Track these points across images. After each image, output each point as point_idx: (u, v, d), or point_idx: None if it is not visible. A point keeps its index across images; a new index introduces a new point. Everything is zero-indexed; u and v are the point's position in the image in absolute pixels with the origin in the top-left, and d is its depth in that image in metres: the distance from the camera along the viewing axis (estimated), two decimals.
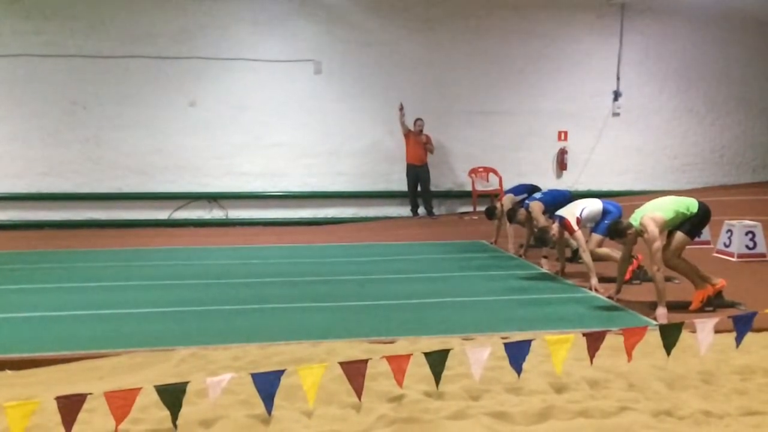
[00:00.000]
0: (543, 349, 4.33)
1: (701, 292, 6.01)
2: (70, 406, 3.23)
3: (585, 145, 13.81)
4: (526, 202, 8.54)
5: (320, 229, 12.19)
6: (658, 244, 5.80)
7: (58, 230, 12.02)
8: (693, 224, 6.03)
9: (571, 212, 7.17)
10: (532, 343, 3.92)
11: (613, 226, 6.22)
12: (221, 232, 12.02)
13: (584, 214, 7.21)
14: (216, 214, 12.98)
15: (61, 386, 4.12)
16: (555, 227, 7.16)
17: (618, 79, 13.82)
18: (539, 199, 8.32)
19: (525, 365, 3.97)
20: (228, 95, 12.77)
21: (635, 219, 5.98)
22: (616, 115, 13.91)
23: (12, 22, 12.11)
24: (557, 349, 3.91)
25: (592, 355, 4.00)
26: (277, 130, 12.93)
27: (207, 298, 6.67)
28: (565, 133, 13.70)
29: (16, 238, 11.04)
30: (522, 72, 13.47)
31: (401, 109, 12.56)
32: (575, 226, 7.01)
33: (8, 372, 4.59)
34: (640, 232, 5.91)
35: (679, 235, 6.02)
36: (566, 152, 13.69)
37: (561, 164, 13.73)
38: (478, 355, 3.84)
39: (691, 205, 6.06)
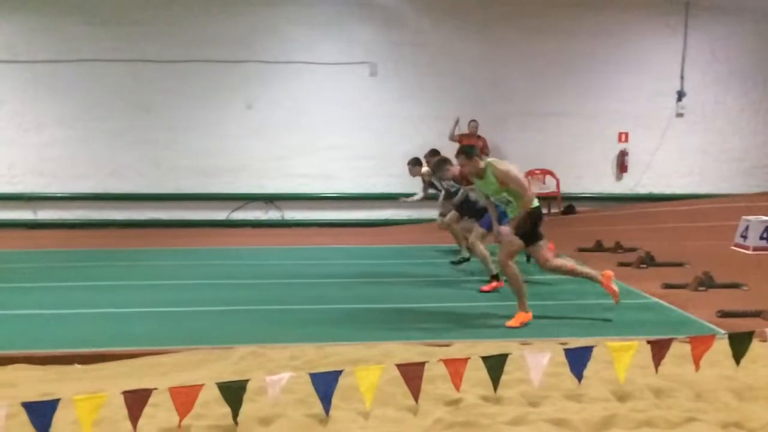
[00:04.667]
0: (604, 356, 4.22)
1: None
2: (137, 401, 3.32)
3: (647, 147, 13.42)
4: None
5: (375, 230, 12.23)
6: (527, 192, 5.62)
7: (122, 229, 12.43)
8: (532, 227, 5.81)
9: None
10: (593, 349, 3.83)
11: (465, 146, 6.04)
12: (277, 232, 12.19)
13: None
14: (272, 214, 13.18)
15: (127, 381, 4.24)
16: (456, 168, 7.35)
17: (682, 78, 13.38)
18: None
19: (585, 372, 3.88)
20: (285, 98, 12.95)
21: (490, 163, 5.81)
22: (679, 115, 13.47)
23: (82, 28, 12.57)
24: (620, 356, 3.81)
25: (657, 364, 3.89)
26: (333, 132, 13.04)
27: (264, 297, 6.77)
28: (626, 134, 13.35)
29: (82, 237, 11.45)
30: (581, 72, 13.18)
31: (457, 122, 12.51)
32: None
33: (77, 366, 4.75)
34: (482, 173, 5.78)
35: (539, 244, 5.84)
36: (627, 154, 13.34)
37: (621, 166, 13.39)
38: (538, 361, 3.78)
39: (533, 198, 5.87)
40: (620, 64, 13.24)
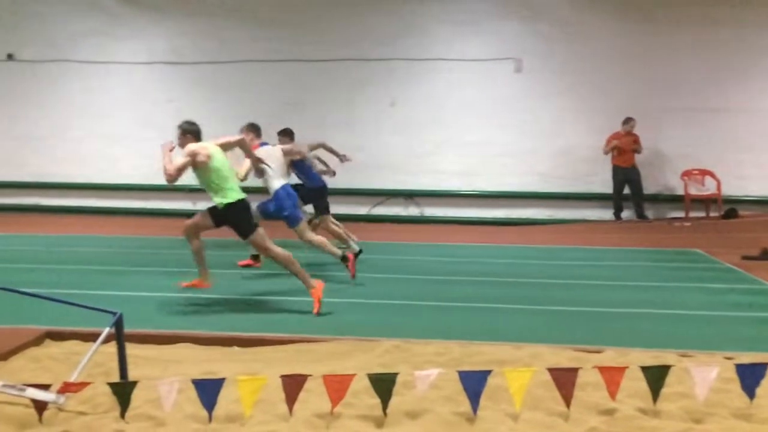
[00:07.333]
0: None
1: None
2: (293, 385, 3.47)
3: None
4: None
5: (515, 229, 11.98)
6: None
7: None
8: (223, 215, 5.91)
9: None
10: None
11: (185, 122, 6.03)
12: (416, 228, 12.28)
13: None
14: (412, 211, 13.31)
15: (281, 365, 4.44)
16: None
17: None
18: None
19: (758, 390, 3.56)
20: (427, 95, 13.03)
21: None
22: None
23: (240, 31, 13.39)
24: None
25: None
26: (475, 129, 12.93)
27: (406, 292, 6.82)
28: None
29: None
30: (756, 66, 12.10)
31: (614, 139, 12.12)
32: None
33: (236, 348, 5.05)
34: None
35: (203, 215, 5.98)
36: None
37: None
38: (705, 374, 3.53)
39: (234, 190, 5.84)
40: None
